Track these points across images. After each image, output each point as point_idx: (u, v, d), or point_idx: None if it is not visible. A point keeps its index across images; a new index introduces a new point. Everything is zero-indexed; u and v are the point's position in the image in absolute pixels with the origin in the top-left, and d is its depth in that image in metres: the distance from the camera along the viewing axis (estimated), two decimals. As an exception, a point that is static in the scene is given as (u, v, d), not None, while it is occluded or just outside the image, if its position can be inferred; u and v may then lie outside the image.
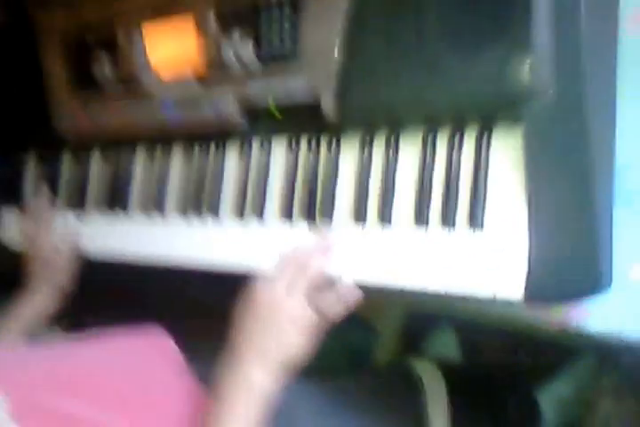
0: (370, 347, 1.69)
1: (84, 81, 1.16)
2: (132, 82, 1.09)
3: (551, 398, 1.43)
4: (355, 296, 0.84)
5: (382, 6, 0.86)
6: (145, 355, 0.95)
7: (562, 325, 0.86)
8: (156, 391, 0.89)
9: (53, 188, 1.28)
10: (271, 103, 0.97)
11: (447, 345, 1.70)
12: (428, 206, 0.86)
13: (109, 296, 1.39)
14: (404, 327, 1.72)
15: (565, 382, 1.46)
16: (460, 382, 1.20)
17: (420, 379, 1.14)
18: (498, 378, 1.39)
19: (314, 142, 0.98)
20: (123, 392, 0.85)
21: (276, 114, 0.98)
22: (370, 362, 1.64)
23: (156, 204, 1.13)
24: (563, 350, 1.48)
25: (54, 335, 1.18)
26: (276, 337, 0.83)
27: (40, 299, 1.14)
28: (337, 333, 0.88)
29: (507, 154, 0.82)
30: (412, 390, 1.12)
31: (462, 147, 0.86)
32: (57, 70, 1.19)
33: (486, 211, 0.83)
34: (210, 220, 1.06)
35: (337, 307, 0.84)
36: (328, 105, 0.90)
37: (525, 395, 1.41)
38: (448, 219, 0.84)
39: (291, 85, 0.93)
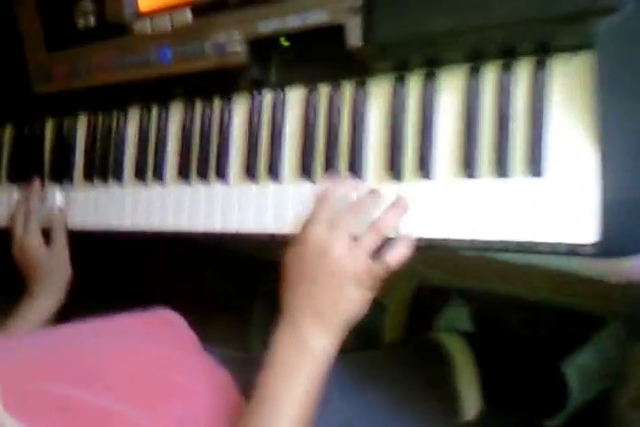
0: (378, 323, 1.61)
1: (65, 36, 1.03)
2: (120, 29, 0.97)
3: (577, 370, 1.37)
4: (412, 247, 0.75)
5: None
6: (154, 334, 0.84)
7: (631, 276, 0.75)
8: (169, 371, 0.78)
9: (36, 161, 1.14)
10: (284, 40, 0.86)
11: (459, 320, 1.64)
12: (477, 153, 0.74)
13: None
14: (412, 302, 1.64)
15: (591, 353, 1.41)
16: (487, 355, 1.13)
17: (448, 352, 1.07)
18: (522, 351, 1.32)
19: (336, 85, 0.86)
20: (133, 375, 0.74)
21: (291, 52, 0.87)
22: (379, 339, 1.57)
23: (154, 171, 1.00)
24: (586, 321, 1.43)
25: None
26: (334, 293, 0.73)
27: (44, 303, 1.04)
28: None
29: (570, 84, 0.72)
30: (440, 363, 1.06)
31: (515, 79, 0.75)
32: (33, 27, 1.05)
33: (548, 154, 0.71)
34: (218, 184, 0.92)
35: (395, 259, 0.74)
36: (354, 38, 0.79)
37: (551, 368, 1.35)
38: (502, 167, 0.72)
39: (309, 16, 0.81)
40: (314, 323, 0.73)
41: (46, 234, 1.07)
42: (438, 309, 1.62)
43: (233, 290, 1.32)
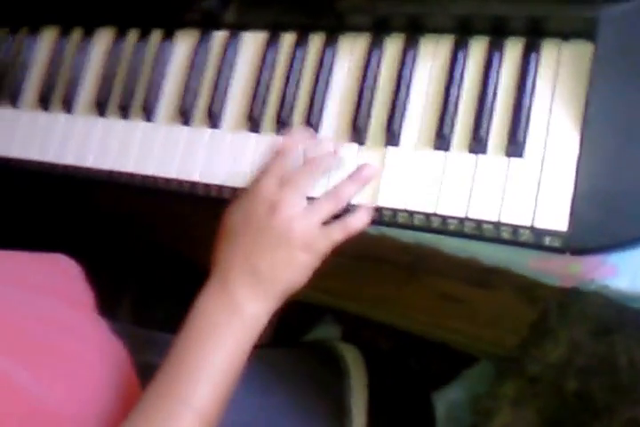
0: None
1: None
2: None
3: (446, 403, 1.38)
4: (369, 218, 0.70)
5: None
6: (48, 282, 0.74)
7: (578, 280, 0.75)
8: (60, 331, 0.68)
9: None
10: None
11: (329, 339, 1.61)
12: (453, 126, 0.72)
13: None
14: (283, 313, 1.59)
15: (461, 388, 1.42)
16: (377, 372, 1.08)
17: (346, 362, 1.02)
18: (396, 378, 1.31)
19: (303, 35, 0.81)
20: (18, 328, 0.63)
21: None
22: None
23: (63, 98, 0.90)
24: (457, 356, 1.45)
25: None
26: (277, 255, 0.67)
27: None
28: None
29: (561, 69, 0.72)
30: (338, 371, 1.00)
31: (504, 57, 0.73)
32: None
33: (527, 135, 0.70)
34: (142, 122, 0.84)
35: (354, 226, 0.69)
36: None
37: (422, 397, 1.34)
38: (477, 143, 0.70)
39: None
40: (250, 284, 0.66)
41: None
42: (309, 324, 1.58)
43: (108, 265, 1.23)
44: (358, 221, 0.69)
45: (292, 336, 1.54)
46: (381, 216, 0.73)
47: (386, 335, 1.54)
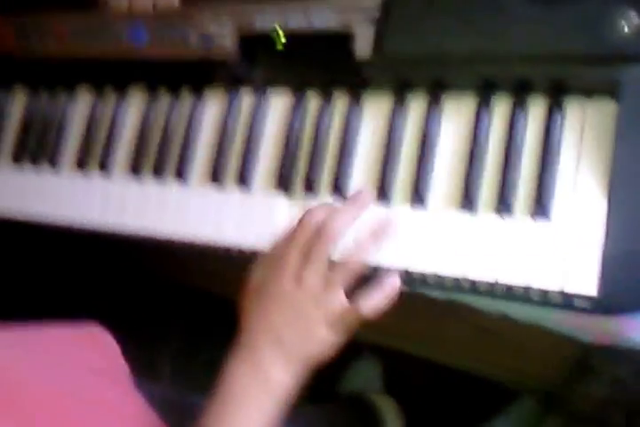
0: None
1: (18, 0, 0.95)
2: (93, 1, 0.91)
3: None
4: (396, 289, 0.70)
5: None
6: (81, 354, 0.76)
7: (613, 337, 0.75)
8: (91, 402, 0.70)
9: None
10: (281, 35, 0.81)
11: (368, 376, 1.61)
12: (479, 187, 0.72)
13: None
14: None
15: (504, 423, 1.42)
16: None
17: (381, 415, 1.03)
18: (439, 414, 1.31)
19: (329, 94, 0.82)
20: (49, 400, 0.65)
21: (283, 52, 0.83)
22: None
23: (99, 161, 0.93)
24: (499, 391, 1.44)
25: None
26: (303, 330, 0.69)
27: None
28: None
29: (585, 128, 0.72)
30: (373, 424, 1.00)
31: (528, 116, 0.74)
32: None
33: (554, 197, 0.71)
34: (175, 185, 0.86)
35: (376, 301, 0.69)
36: (362, 47, 0.76)
37: None
38: (504, 205, 0.71)
39: (313, 14, 0.78)
40: (277, 355, 0.68)
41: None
42: (348, 362, 1.59)
43: (149, 315, 1.25)
44: (373, 303, 0.70)
45: (331, 372, 1.55)
46: (411, 278, 0.74)
47: (426, 370, 1.54)
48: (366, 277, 0.73)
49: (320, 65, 0.82)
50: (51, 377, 0.67)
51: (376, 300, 0.69)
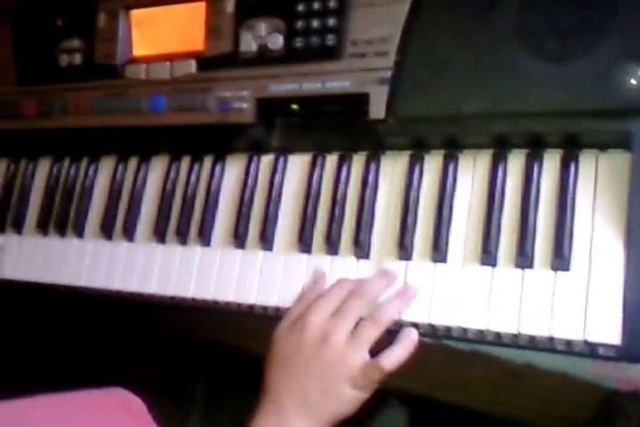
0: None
1: (42, 71, 0.99)
2: (109, 72, 0.95)
3: None
4: (416, 343, 0.73)
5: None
6: (112, 416, 0.77)
7: (636, 383, 0.76)
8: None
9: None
10: (296, 104, 0.84)
11: (394, 423, 1.61)
12: (497, 241, 0.74)
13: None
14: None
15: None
16: None
17: None
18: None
19: (347, 152, 0.85)
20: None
21: (299, 116, 0.87)
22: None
23: (123, 227, 0.95)
24: None
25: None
26: (326, 389, 0.71)
27: None
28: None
29: (600, 180, 0.74)
30: None
31: (542, 170, 0.75)
32: (4, 58, 1.01)
33: (572, 249, 0.72)
34: (198, 247, 0.88)
35: (392, 362, 0.72)
36: (376, 109, 0.79)
37: None
38: (523, 258, 0.72)
39: (329, 82, 0.81)
40: (300, 412, 0.71)
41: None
42: (374, 409, 1.58)
43: (175, 372, 1.26)
44: (394, 358, 0.73)
45: (357, 420, 1.54)
46: (435, 331, 0.75)
47: (453, 416, 1.53)
48: (387, 331, 0.74)
49: (336, 126, 0.85)
50: None
51: (397, 355, 0.72)
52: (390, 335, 0.74)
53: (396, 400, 1.52)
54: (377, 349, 0.74)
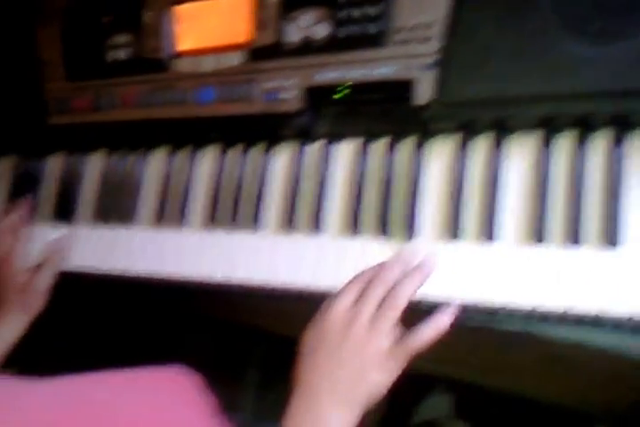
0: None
1: (91, 66, 1.02)
2: (157, 65, 0.98)
3: None
4: (446, 324, 0.73)
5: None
6: (174, 391, 0.80)
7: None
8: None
9: (36, 196, 1.11)
10: (345, 91, 0.86)
11: (441, 409, 1.62)
12: (548, 221, 0.75)
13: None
14: (394, 387, 1.61)
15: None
16: None
17: None
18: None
19: (394, 137, 0.86)
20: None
21: (346, 103, 0.87)
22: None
23: (176, 216, 0.98)
24: (573, 418, 1.42)
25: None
26: (354, 375, 0.72)
27: (7, 330, 0.99)
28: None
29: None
30: None
31: (591, 151, 0.76)
32: (55, 55, 1.04)
33: (623, 227, 0.73)
34: (251, 235, 0.90)
35: (425, 336, 0.73)
36: (423, 94, 0.80)
37: None
38: (574, 236, 0.73)
39: (375, 69, 0.82)
40: (332, 399, 0.72)
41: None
42: (421, 396, 1.59)
43: (226, 358, 1.29)
44: (431, 331, 0.73)
45: (404, 409, 1.56)
46: (486, 311, 0.76)
47: (498, 401, 1.54)
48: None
49: (382, 113, 0.86)
50: (145, 410, 0.72)
51: (423, 336, 0.73)
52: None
53: (442, 387, 1.53)
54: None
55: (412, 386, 1.56)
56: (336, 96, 0.87)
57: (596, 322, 0.73)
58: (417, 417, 1.51)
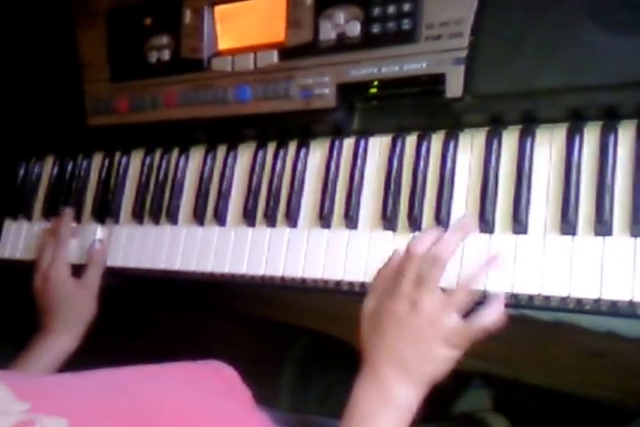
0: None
1: (133, 68, 1.06)
2: (196, 65, 1.01)
3: None
4: (503, 307, 0.75)
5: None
6: (212, 385, 0.83)
7: None
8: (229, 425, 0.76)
9: (77, 196, 1.14)
10: (375, 86, 0.88)
11: (479, 404, 1.62)
12: (577, 211, 0.77)
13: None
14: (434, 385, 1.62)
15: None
16: None
17: None
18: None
19: (426, 131, 0.88)
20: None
21: (378, 99, 0.91)
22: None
23: (214, 212, 1.01)
24: (613, 414, 1.42)
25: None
26: (421, 350, 0.75)
27: (64, 341, 1.02)
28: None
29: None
30: None
31: (617, 141, 0.77)
32: (98, 57, 1.08)
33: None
34: (287, 231, 0.93)
35: (487, 320, 0.75)
36: (453, 88, 0.82)
37: None
38: (602, 225, 0.75)
39: (406, 64, 0.85)
40: (400, 375, 0.74)
41: (79, 269, 1.06)
42: (459, 391, 1.60)
43: (262, 354, 1.31)
44: (493, 315, 0.75)
45: (443, 404, 1.57)
46: (518, 301, 0.78)
47: (537, 397, 1.54)
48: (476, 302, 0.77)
49: (414, 107, 0.89)
50: (186, 401, 0.75)
51: (486, 316, 0.75)
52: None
53: (480, 382, 1.54)
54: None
55: (452, 381, 1.57)
56: (370, 92, 0.88)
57: (627, 310, 0.73)
58: (456, 410, 1.52)
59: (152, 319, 1.27)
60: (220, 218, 0.99)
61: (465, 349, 0.75)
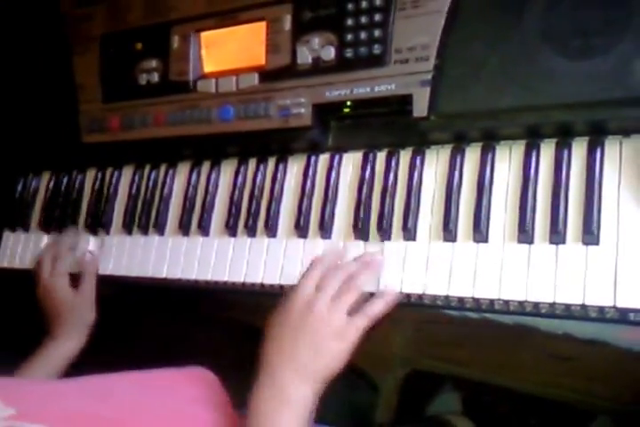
0: (370, 405, 1.58)
1: (124, 89, 1.06)
2: (183, 87, 1.02)
3: None
4: (394, 297, 0.79)
5: (486, 7, 0.81)
6: (191, 392, 0.83)
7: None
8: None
9: (71, 210, 1.15)
10: (348, 107, 0.90)
11: (450, 406, 1.61)
12: (533, 222, 0.78)
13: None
14: (405, 386, 1.62)
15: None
16: None
17: None
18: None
19: (394, 148, 0.90)
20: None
21: (351, 118, 0.92)
22: (371, 420, 1.53)
23: (199, 223, 1.02)
24: (575, 414, 1.42)
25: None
26: (315, 348, 0.75)
27: (67, 346, 1.03)
28: (338, 388, 0.79)
29: (624, 164, 0.77)
30: None
31: (571, 156, 0.79)
32: (91, 79, 1.09)
33: (600, 226, 0.76)
34: (266, 241, 0.94)
35: (375, 308, 0.78)
36: (419, 108, 0.84)
37: None
38: (556, 235, 0.76)
39: (377, 86, 0.86)
40: (295, 377, 0.74)
41: (75, 278, 1.06)
42: (431, 394, 1.59)
43: (246, 360, 1.31)
44: (375, 308, 0.78)
45: (415, 407, 1.56)
46: (480, 305, 0.79)
47: (504, 399, 1.54)
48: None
49: (384, 126, 0.90)
50: (161, 408, 0.75)
51: (373, 308, 0.78)
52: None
53: (450, 385, 1.54)
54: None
55: (422, 385, 1.57)
56: (344, 111, 0.90)
57: (581, 313, 0.74)
58: (428, 414, 1.51)
59: (138, 326, 1.27)
60: (204, 229, 1.00)
61: (355, 342, 0.77)
